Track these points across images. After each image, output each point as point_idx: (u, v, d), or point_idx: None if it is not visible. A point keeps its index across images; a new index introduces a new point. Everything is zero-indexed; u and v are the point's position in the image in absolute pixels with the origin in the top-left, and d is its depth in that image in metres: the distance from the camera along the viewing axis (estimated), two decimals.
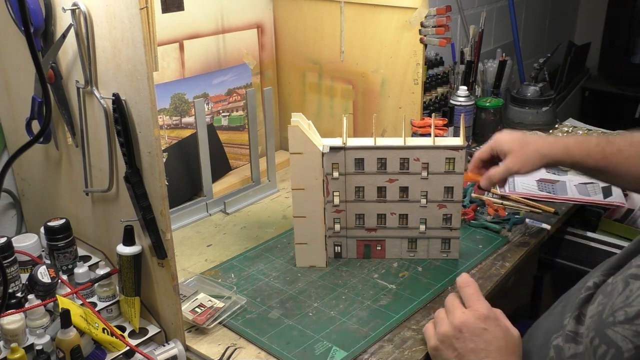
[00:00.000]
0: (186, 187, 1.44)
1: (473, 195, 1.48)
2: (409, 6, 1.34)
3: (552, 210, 1.42)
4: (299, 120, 1.12)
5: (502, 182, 1.21)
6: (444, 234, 1.20)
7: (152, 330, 1.01)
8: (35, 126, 1.07)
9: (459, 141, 1.14)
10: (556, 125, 1.89)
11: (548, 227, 1.34)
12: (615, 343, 0.69)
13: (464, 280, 0.94)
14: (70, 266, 1.05)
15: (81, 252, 1.12)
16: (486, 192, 1.51)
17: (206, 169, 1.40)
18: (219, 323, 1.05)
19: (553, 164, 1.21)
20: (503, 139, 1.21)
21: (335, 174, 1.16)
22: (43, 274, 0.95)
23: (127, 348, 0.95)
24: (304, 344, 0.99)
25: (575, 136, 1.26)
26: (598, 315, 0.74)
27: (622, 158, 1.15)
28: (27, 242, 1.06)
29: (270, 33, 1.62)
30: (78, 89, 0.98)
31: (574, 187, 1.54)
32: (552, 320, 0.87)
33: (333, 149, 1.13)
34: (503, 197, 1.49)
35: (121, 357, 0.96)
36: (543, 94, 1.96)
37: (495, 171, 1.20)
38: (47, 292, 0.96)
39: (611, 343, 0.70)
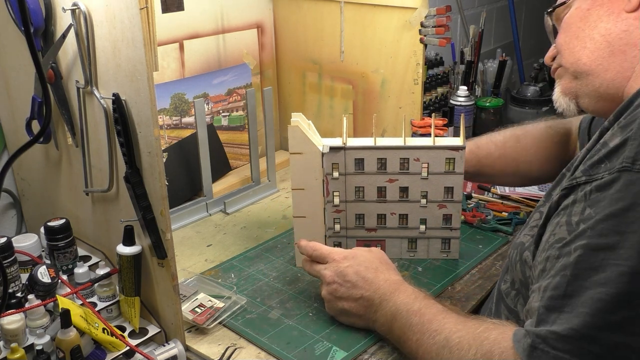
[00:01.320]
0: (186, 187, 1.44)
1: (474, 195, 1.48)
2: (409, 6, 1.34)
3: None
4: (299, 120, 1.12)
5: None
6: (444, 234, 1.20)
7: (152, 330, 1.01)
8: (35, 126, 1.07)
9: (459, 141, 1.14)
10: None
11: None
12: (520, 243, 0.88)
13: (307, 247, 1.06)
14: (70, 266, 1.05)
15: (81, 252, 1.12)
16: (486, 192, 1.51)
17: (206, 169, 1.40)
18: (219, 323, 1.05)
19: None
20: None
21: (335, 174, 1.16)
22: (43, 274, 0.95)
23: (127, 348, 0.95)
24: (304, 344, 0.99)
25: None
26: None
27: (492, 160, 1.28)
28: (27, 242, 1.06)
29: (270, 33, 1.62)
30: (78, 89, 0.98)
31: None
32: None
33: (333, 149, 1.13)
34: (503, 197, 1.49)
35: (121, 357, 0.96)
36: (543, 94, 1.96)
37: None
38: (47, 292, 0.95)
39: (517, 245, 0.89)
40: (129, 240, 0.97)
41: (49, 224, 1.04)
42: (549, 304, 0.70)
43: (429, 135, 1.20)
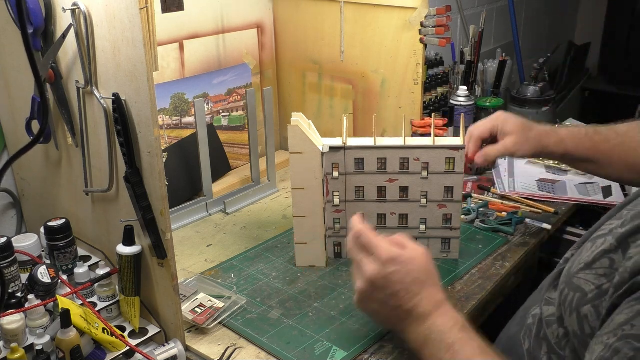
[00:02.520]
0: (186, 187, 1.44)
1: (474, 195, 1.48)
2: (409, 6, 1.34)
3: (552, 210, 1.42)
4: (299, 120, 1.12)
5: (494, 162, 1.21)
6: (444, 234, 1.20)
7: (152, 330, 1.01)
8: (35, 126, 1.07)
9: (459, 141, 1.14)
10: (556, 125, 1.89)
11: (548, 227, 1.34)
12: (580, 287, 0.74)
13: (357, 229, 0.93)
14: (70, 266, 1.05)
15: (81, 252, 1.12)
16: (486, 192, 1.51)
17: (206, 169, 1.40)
18: (219, 323, 1.05)
19: (545, 154, 1.22)
20: (508, 119, 1.20)
21: (335, 174, 1.16)
22: (43, 274, 0.95)
23: (127, 348, 0.95)
24: (304, 344, 0.99)
25: (566, 128, 1.27)
26: (567, 271, 0.79)
27: (609, 147, 1.19)
28: (27, 242, 1.06)
29: (270, 33, 1.62)
30: (78, 89, 0.98)
31: (574, 187, 1.54)
32: (532, 299, 0.92)
33: (333, 148, 1.13)
34: (503, 197, 1.49)
35: (121, 357, 0.96)
36: (543, 94, 1.96)
37: (492, 149, 1.18)
38: (47, 292, 0.96)
39: (577, 288, 0.75)
40: (129, 240, 0.97)
41: (49, 224, 1.04)
42: None
43: (429, 135, 1.20)
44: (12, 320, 0.90)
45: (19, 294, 0.96)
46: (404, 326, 0.88)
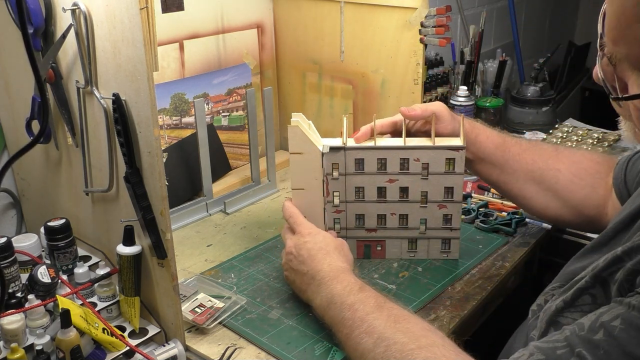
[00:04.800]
0: (186, 187, 1.44)
1: (474, 195, 1.48)
2: (409, 6, 1.34)
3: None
4: (299, 120, 1.12)
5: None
6: (444, 234, 1.20)
7: (152, 330, 1.01)
8: (35, 126, 1.07)
9: (459, 141, 1.14)
10: (556, 125, 1.89)
11: (548, 227, 1.34)
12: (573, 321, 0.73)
13: (288, 211, 1.12)
14: (70, 266, 1.05)
15: (81, 252, 1.12)
16: (486, 192, 1.51)
17: (206, 169, 1.40)
18: (219, 323, 1.05)
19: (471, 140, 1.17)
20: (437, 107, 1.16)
21: (335, 174, 1.16)
22: (43, 274, 0.95)
23: (127, 348, 0.95)
24: (304, 344, 0.99)
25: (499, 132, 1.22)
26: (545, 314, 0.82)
27: (519, 150, 1.16)
28: (27, 242, 1.06)
29: (270, 33, 1.62)
30: (78, 89, 0.98)
31: None
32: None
33: (333, 149, 1.13)
34: (503, 197, 1.48)
35: (121, 357, 0.96)
36: (543, 94, 1.96)
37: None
38: (47, 292, 0.96)
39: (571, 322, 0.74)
40: (129, 240, 0.97)
41: (49, 224, 1.04)
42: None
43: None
44: (12, 320, 0.90)
45: (19, 294, 0.96)
46: (310, 292, 1.01)
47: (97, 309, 0.99)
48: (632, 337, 0.63)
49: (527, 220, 1.37)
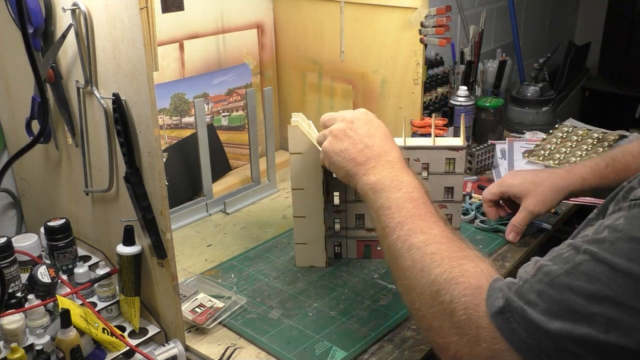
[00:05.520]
0: (186, 187, 1.44)
1: (474, 195, 1.48)
2: (409, 6, 1.34)
3: (552, 210, 1.41)
4: (299, 120, 1.12)
5: (526, 226, 1.24)
6: None
7: (152, 330, 1.01)
8: (35, 126, 1.07)
9: (459, 141, 1.14)
10: (556, 125, 1.89)
11: (548, 227, 1.34)
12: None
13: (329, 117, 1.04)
14: (70, 266, 1.05)
15: (81, 252, 1.12)
16: None
17: (206, 169, 1.40)
18: (219, 323, 1.05)
19: (570, 196, 1.23)
20: (513, 183, 1.23)
21: None
22: (43, 274, 0.95)
23: (127, 348, 0.95)
24: (304, 344, 0.99)
25: (583, 163, 1.26)
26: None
27: (632, 172, 1.16)
28: (27, 242, 1.06)
29: (270, 33, 1.62)
30: (78, 89, 0.98)
31: None
32: None
33: None
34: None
35: (121, 357, 0.96)
36: (543, 94, 1.96)
37: (519, 219, 1.23)
38: (47, 292, 0.96)
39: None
40: (129, 240, 0.97)
41: (49, 224, 1.04)
42: (534, 283, 0.69)
43: (429, 135, 1.20)
44: (12, 320, 0.90)
45: (19, 294, 0.96)
46: (368, 166, 0.93)
47: (97, 309, 0.99)
48: (636, 226, 0.64)
49: None
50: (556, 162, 1.63)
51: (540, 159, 1.65)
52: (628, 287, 0.62)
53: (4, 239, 0.98)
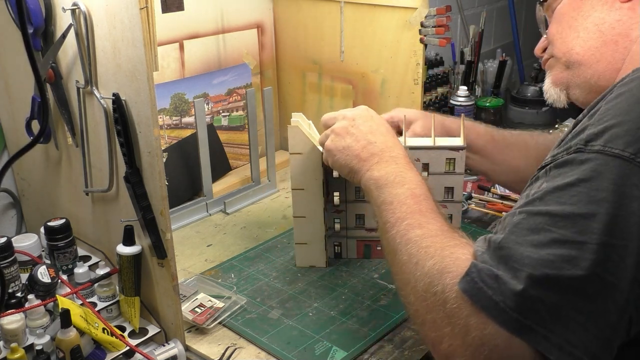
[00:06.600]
0: (186, 187, 1.44)
1: (474, 195, 1.48)
2: (409, 6, 1.34)
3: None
4: (299, 120, 1.12)
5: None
6: None
7: (152, 330, 1.01)
8: (35, 126, 1.07)
9: (459, 141, 1.14)
10: (556, 125, 1.89)
11: None
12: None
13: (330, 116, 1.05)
14: (70, 266, 1.05)
15: (81, 252, 1.12)
16: (486, 193, 1.51)
17: (206, 169, 1.40)
18: (219, 323, 1.05)
19: (450, 135, 1.22)
20: (405, 110, 1.22)
21: (335, 174, 1.15)
22: (43, 274, 0.95)
23: (127, 348, 0.95)
24: (304, 344, 0.99)
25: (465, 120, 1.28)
26: None
27: (506, 144, 1.24)
28: (27, 242, 1.06)
29: (270, 33, 1.62)
30: (78, 89, 0.98)
31: None
32: None
33: None
34: (503, 197, 1.49)
35: (121, 357, 0.96)
36: (543, 94, 1.96)
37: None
38: (47, 292, 0.96)
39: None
40: (129, 240, 0.97)
41: (49, 224, 1.04)
42: (488, 252, 0.71)
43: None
44: (12, 320, 0.90)
45: (19, 294, 0.96)
46: (372, 162, 0.94)
47: (97, 309, 0.99)
48: (556, 179, 0.70)
49: None
50: None
51: None
52: (567, 225, 0.66)
53: (4, 239, 0.98)
